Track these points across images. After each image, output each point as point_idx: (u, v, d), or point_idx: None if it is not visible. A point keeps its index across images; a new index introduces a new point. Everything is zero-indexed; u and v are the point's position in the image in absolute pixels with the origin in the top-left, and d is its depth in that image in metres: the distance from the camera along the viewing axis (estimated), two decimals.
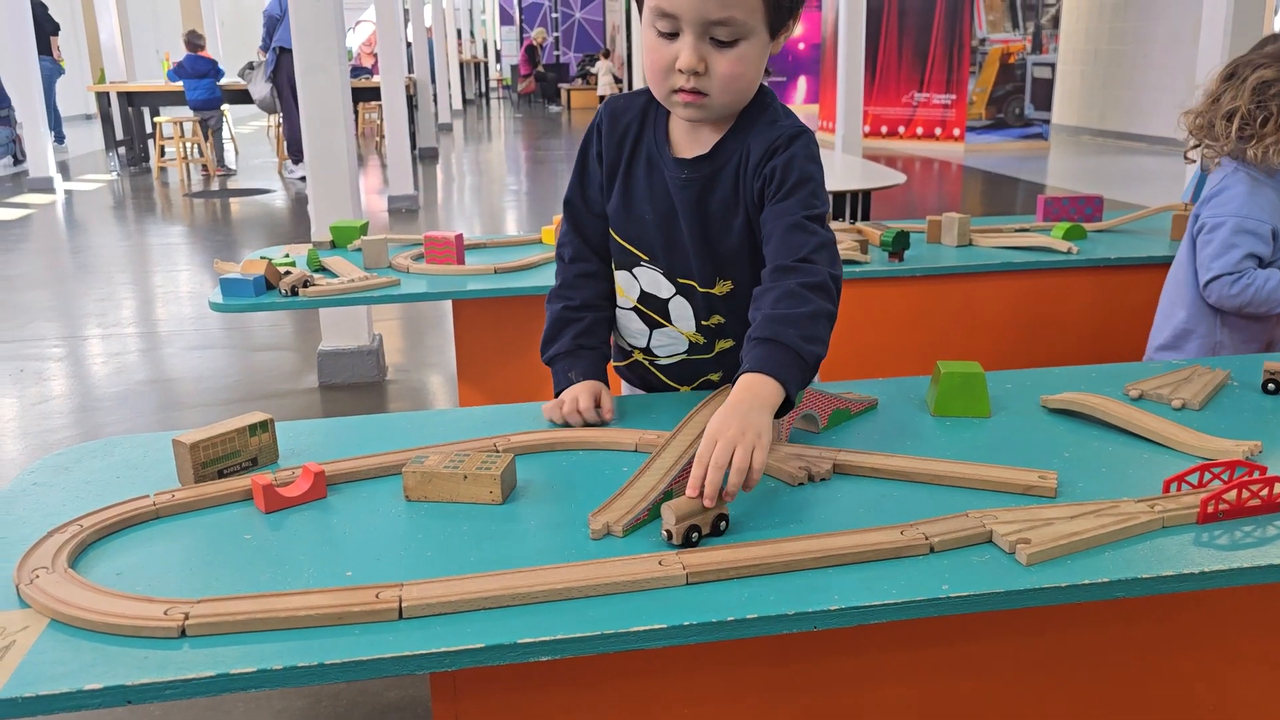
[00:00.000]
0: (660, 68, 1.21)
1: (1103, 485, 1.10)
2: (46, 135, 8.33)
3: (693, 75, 1.19)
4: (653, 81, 1.24)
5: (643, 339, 1.41)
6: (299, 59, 3.29)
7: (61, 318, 4.72)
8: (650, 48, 1.22)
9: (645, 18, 1.21)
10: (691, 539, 0.97)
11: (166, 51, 11.54)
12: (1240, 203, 1.90)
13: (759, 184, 1.26)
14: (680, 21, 1.17)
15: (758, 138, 1.26)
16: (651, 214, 1.32)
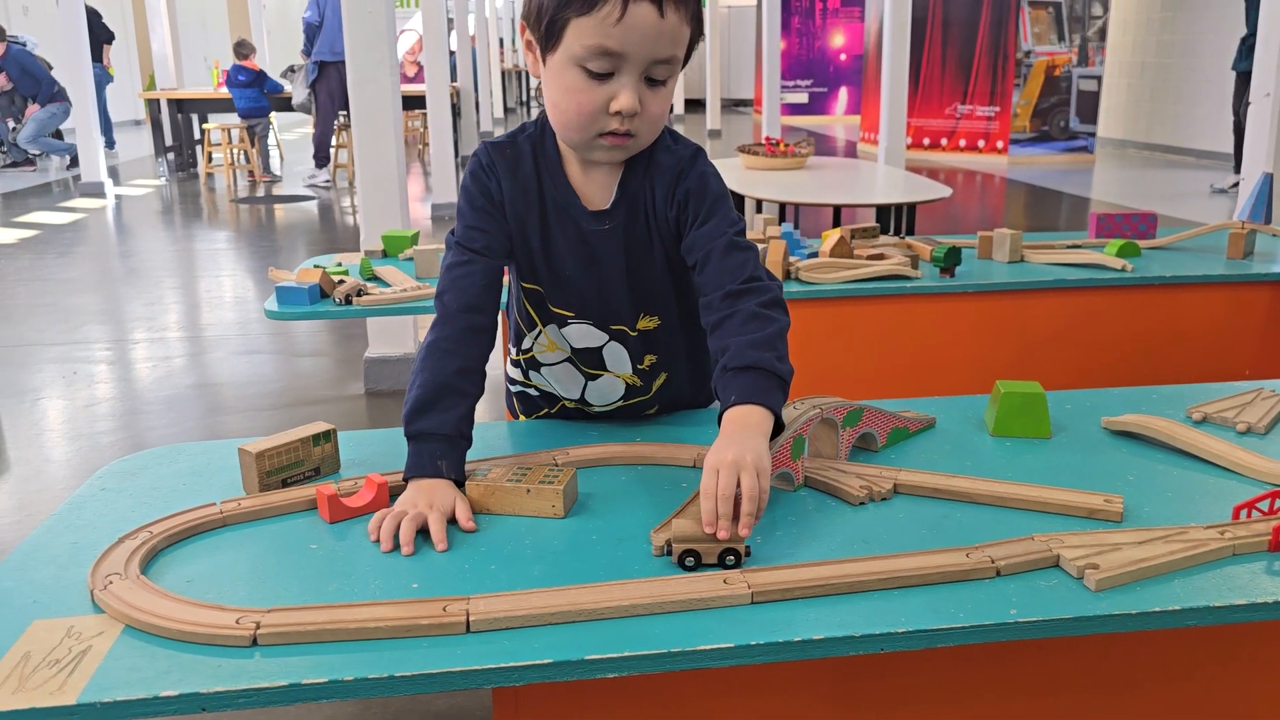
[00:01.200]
0: (590, 111, 1.11)
1: (1169, 510, 1.09)
2: (99, 141, 8.49)
3: (629, 117, 1.12)
4: (575, 125, 1.14)
5: (576, 391, 1.36)
6: (351, 70, 3.32)
7: (111, 321, 4.80)
8: (574, 89, 1.11)
9: (565, 57, 1.10)
10: (686, 564, 0.96)
11: (216, 60, 11.72)
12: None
13: (673, 213, 1.22)
14: (624, 61, 1.09)
15: (657, 168, 1.22)
16: (574, 268, 1.25)
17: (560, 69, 1.12)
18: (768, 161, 4.96)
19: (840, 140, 13.71)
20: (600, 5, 1.06)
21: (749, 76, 19.60)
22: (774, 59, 10.97)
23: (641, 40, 1.08)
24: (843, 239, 2.34)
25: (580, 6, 1.07)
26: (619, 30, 1.07)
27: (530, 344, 1.35)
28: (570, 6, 1.08)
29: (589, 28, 1.07)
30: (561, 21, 1.09)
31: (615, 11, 1.06)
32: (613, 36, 1.07)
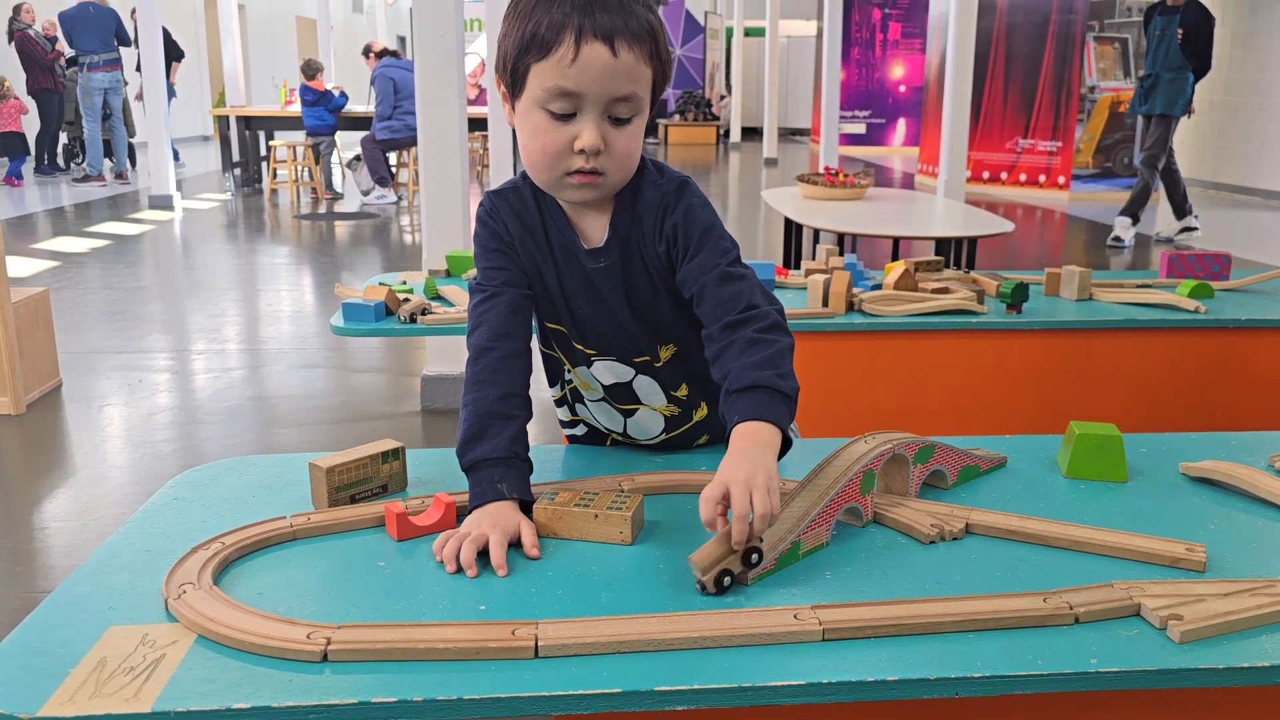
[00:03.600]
0: (554, 150, 1.14)
1: (1254, 562, 1.05)
2: (169, 155, 8.70)
3: (593, 155, 1.14)
4: (543, 165, 1.16)
5: (619, 426, 1.37)
6: (420, 92, 3.37)
7: (175, 332, 4.90)
8: (539, 130, 1.14)
9: (529, 101, 1.14)
10: (724, 584, 0.97)
11: (284, 79, 11.98)
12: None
13: (663, 247, 1.22)
14: (583, 100, 1.11)
15: (643, 203, 1.23)
16: (586, 306, 1.27)
17: (526, 113, 1.15)
18: (826, 191, 4.95)
19: (898, 172, 13.64)
20: (555, 49, 1.10)
21: (806, 106, 19.61)
22: (833, 89, 10.95)
23: (597, 79, 1.11)
24: (907, 271, 2.32)
25: (537, 52, 1.11)
26: (574, 71, 1.10)
27: (570, 376, 1.37)
28: (529, 53, 1.12)
29: (546, 71, 1.11)
30: (523, 68, 1.13)
31: (569, 53, 1.10)
32: (569, 77, 1.10)
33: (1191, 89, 6.93)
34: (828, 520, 1.07)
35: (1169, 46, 6.82)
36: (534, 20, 1.11)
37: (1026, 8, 10.61)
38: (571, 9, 1.10)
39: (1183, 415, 2.23)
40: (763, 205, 6.46)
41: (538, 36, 1.10)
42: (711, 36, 21.25)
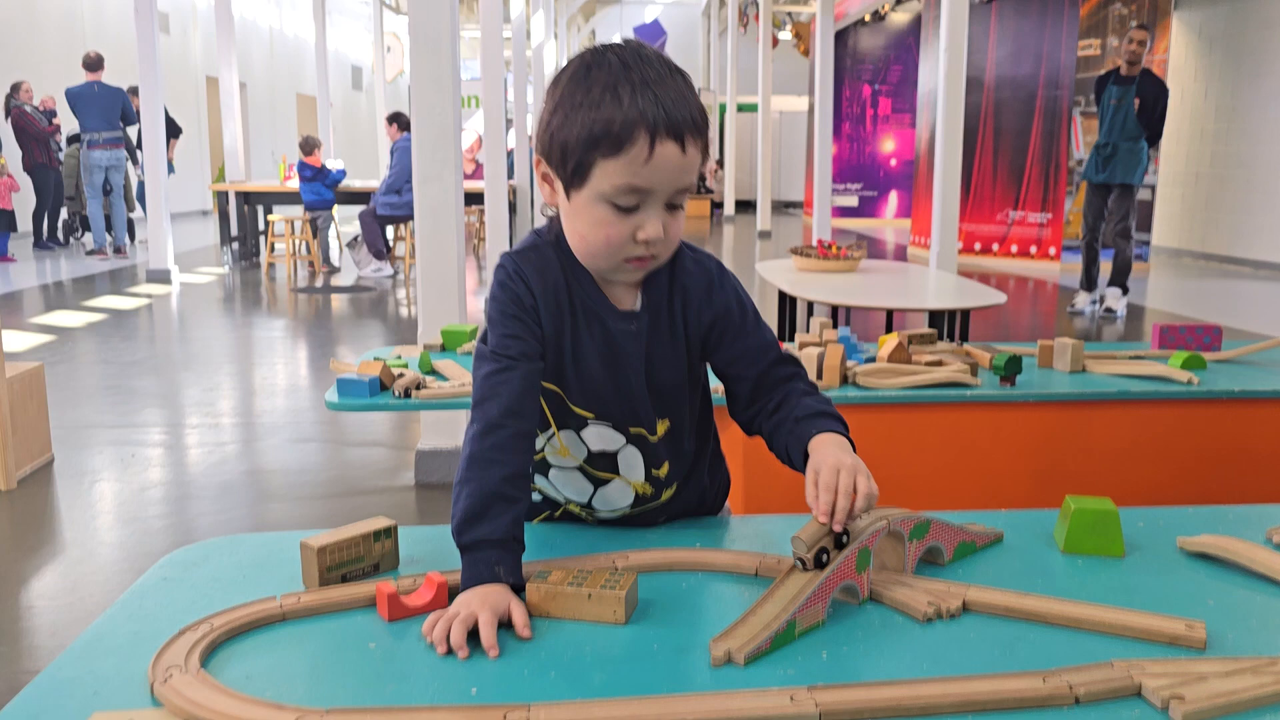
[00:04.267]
0: (618, 241, 1.16)
1: (1255, 639, 1.04)
2: (168, 230, 8.77)
3: (655, 244, 1.16)
4: (603, 255, 1.18)
5: (584, 496, 1.34)
6: (417, 167, 3.42)
7: (169, 406, 4.89)
8: (603, 222, 1.15)
9: (593, 194, 1.14)
10: (822, 560, 1.08)
11: (284, 154, 12.14)
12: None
13: (708, 319, 1.28)
14: (650, 195, 1.14)
15: (686, 276, 1.27)
16: (602, 370, 1.26)
17: (587, 204, 1.16)
18: (820, 264, 4.99)
19: (890, 244, 13.78)
20: (629, 147, 1.10)
21: (799, 179, 19.89)
22: (825, 163, 11.13)
23: (667, 176, 1.13)
24: (900, 344, 2.33)
25: (609, 148, 1.11)
26: (647, 170, 1.11)
27: (543, 445, 1.33)
28: (598, 149, 1.12)
29: (617, 168, 1.12)
30: (589, 161, 1.13)
31: (644, 153, 1.11)
32: (641, 175, 1.12)
33: (1147, 158, 7.03)
34: (824, 598, 1.06)
35: (1126, 116, 6.92)
36: (603, 114, 1.10)
37: (1013, 84, 10.83)
38: (643, 104, 1.10)
39: (1178, 487, 2.22)
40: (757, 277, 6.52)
41: (610, 133, 1.10)
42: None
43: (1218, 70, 11.58)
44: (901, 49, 16.59)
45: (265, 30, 21.33)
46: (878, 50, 16.94)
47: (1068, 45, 10.36)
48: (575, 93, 1.13)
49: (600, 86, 1.12)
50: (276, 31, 22.00)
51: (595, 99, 1.11)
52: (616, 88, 1.11)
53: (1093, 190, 7.23)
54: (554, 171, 1.18)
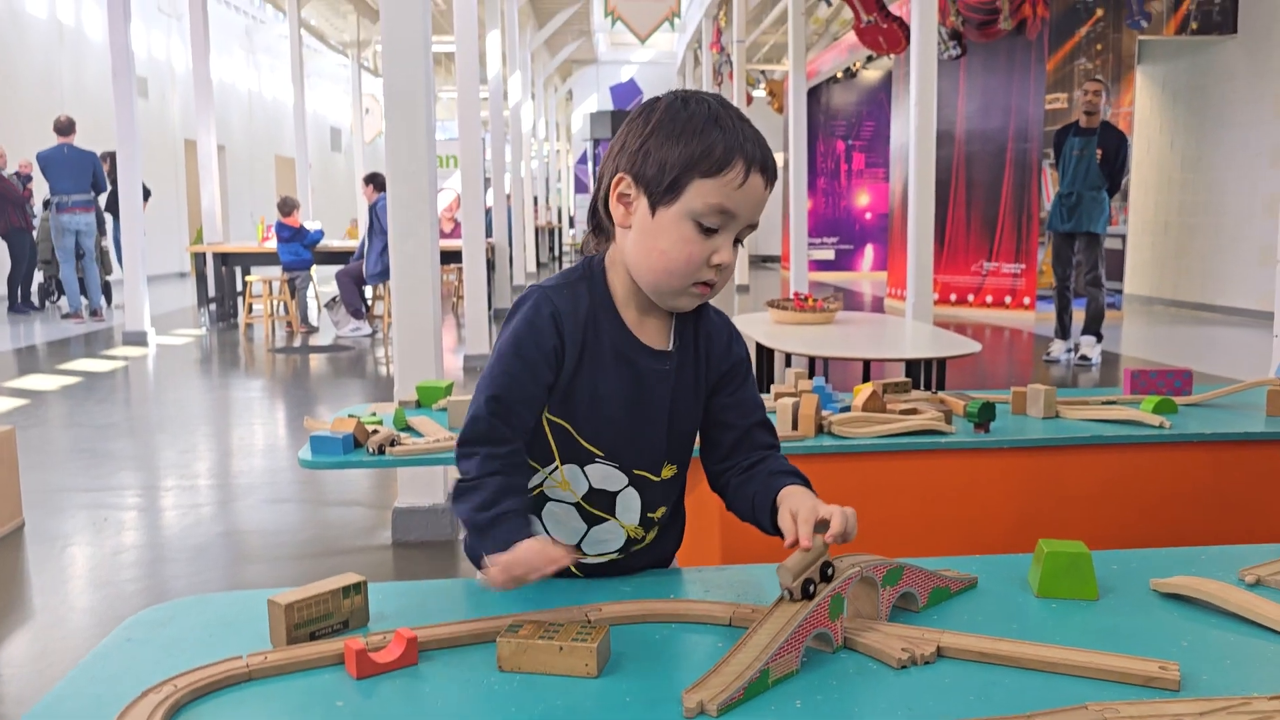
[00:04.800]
0: (696, 262, 1.22)
1: (1228, 679, 1.04)
2: (145, 292, 8.75)
3: (721, 271, 1.24)
4: (680, 273, 1.23)
5: (576, 537, 1.35)
6: (393, 226, 3.44)
7: (144, 468, 4.84)
8: (687, 240, 1.21)
9: (682, 211, 1.21)
10: (809, 591, 1.07)
11: (262, 215, 12.17)
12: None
13: (726, 368, 1.35)
14: (732, 220, 1.21)
15: (710, 324, 1.35)
16: (623, 411, 1.29)
17: (674, 221, 1.22)
18: (796, 316, 5.02)
19: (867, 295, 13.90)
20: (727, 170, 1.19)
21: (776, 233, 20.07)
22: (801, 217, 11.25)
23: (751, 205, 1.22)
24: (875, 394, 2.34)
25: (707, 169, 1.19)
26: (739, 194, 1.20)
27: (543, 479, 1.34)
28: (697, 168, 1.20)
29: (712, 188, 1.19)
30: (685, 179, 1.20)
31: (739, 178, 1.20)
32: (732, 199, 1.20)
33: (1109, 207, 7.17)
34: (797, 647, 1.05)
35: (1089, 166, 7.06)
36: (707, 138, 1.19)
37: (984, 137, 11.02)
38: (742, 138, 1.20)
39: (1152, 530, 2.23)
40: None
41: (712, 154, 1.19)
42: None
43: (1182, 121, 11.83)
44: (874, 105, 16.89)
45: (244, 93, 21.51)
46: (850, 106, 17.24)
47: (1035, 99, 10.58)
48: (676, 119, 1.22)
49: (702, 116, 1.21)
50: (255, 94, 22.19)
51: (698, 126, 1.20)
52: (718, 119, 1.21)
53: (1060, 240, 7.36)
54: (641, 189, 1.23)
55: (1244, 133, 10.68)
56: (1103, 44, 10.44)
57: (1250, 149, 10.56)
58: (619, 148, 1.26)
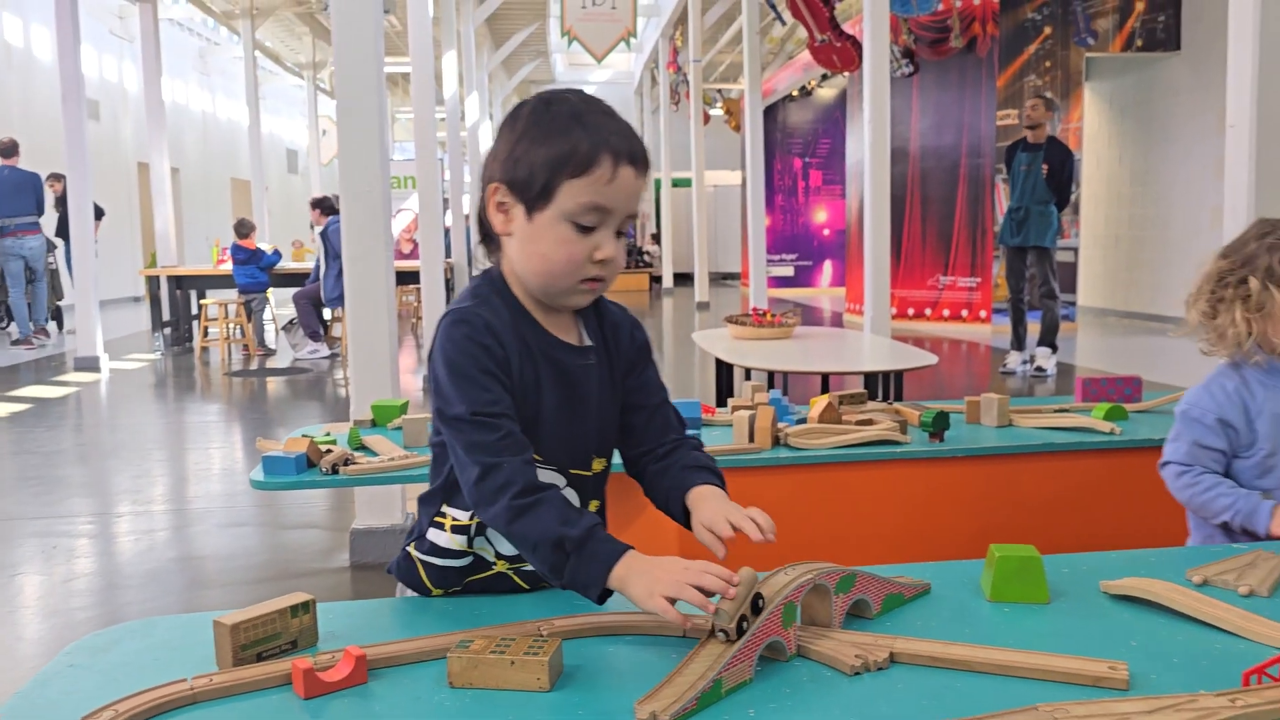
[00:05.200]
0: (578, 261, 1.23)
1: (1176, 677, 1.05)
2: (97, 316, 8.60)
3: (606, 264, 1.25)
4: (563, 273, 1.24)
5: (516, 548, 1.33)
6: (347, 245, 3.41)
7: (95, 495, 4.74)
8: (566, 240, 1.22)
9: (557, 214, 1.21)
10: (743, 628, 1.06)
11: (217, 238, 12.05)
12: (1194, 390, 1.87)
13: (633, 354, 1.38)
14: (609, 216, 1.23)
15: (610, 315, 1.39)
16: (559, 412, 1.30)
17: (550, 224, 1.22)
18: (755, 331, 5.04)
19: (827, 311, 14.00)
20: (594, 168, 1.20)
21: (736, 251, 20.19)
22: (759, 234, 11.33)
23: (624, 198, 1.23)
24: (831, 405, 2.35)
25: (574, 170, 1.20)
26: (610, 189, 1.21)
27: None
28: (565, 169, 1.20)
29: (582, 187, 1.20)
30: (556, 182, 1.21)
31: (608, 173, 1.21)
32: (604, 195, 1.21)
33: (1058, 220, 7.28)
34: (750, 656, 1.05)
35: (1035, 181, 7.19)
36: (570, 139, 1.20)
37: (937, 153, 11.16)
38: (606, 133, 1.22)
39: (1105, 535, 2.25)
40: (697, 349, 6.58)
41: (577, 154, 1.20)
42: None
43: (1130, 136, 12.06)
44: (829, 122, 17.06)
45: (198, 115, 21.31)
46: (806, 124, 17.40)
47: (987, 115, 10.74)
48: (540, 123, 1.23)
49: (565, 117, 1.22)
50: (210, 116, 21.99)
51: (561, 127, 1.22)
52: (581, 117, 1.22)
53: (1011, 254, 7.47)
54: (516, 196, 1.24)
55: (1189, 147, 10.91)
56: (1051, 61, 10.64)
57: (1196, 162, 10.78)
58: (492, 157, 1.27)
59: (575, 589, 1.17)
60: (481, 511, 1.23)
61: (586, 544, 1.15)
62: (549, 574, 1.18)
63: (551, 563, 1.16)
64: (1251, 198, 3.32)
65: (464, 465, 1.22)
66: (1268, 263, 1.75)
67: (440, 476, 1.35)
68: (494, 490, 1.19)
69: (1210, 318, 1.83)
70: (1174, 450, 1.86)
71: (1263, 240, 1.78)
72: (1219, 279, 1.82)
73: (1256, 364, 1.80)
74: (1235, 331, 1.78)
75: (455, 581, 1.36)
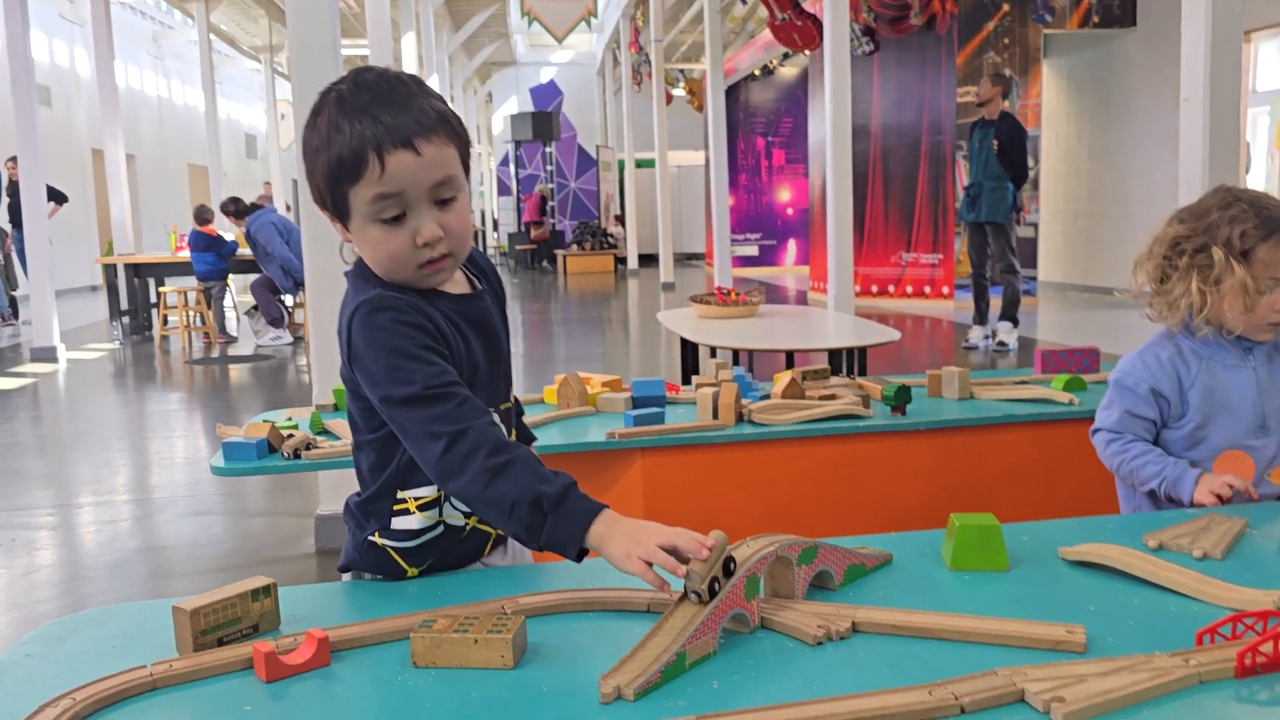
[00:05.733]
0: (402, 252, 1.22)
1: (1132, 639, 1.07)
2: (53, 306, 8.46)
3: (436, 243, 1.22)
4: (397, 268, 1.23)
5: None
6: (305, 227, 3.37)
7: (56, 486, 4.68)
8: (380, 240, 1.21)
9: (360, 220, 1.21)
10: (714, 589, 1.06)
11: (174, 224, 11.87)
12: (1129, 358, 1.85)
13: (503, 294, 1.43)
14: (406, 198, 1.20)
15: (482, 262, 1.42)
16: (485, 359, 1.33)
17: (361, 230, 1.23)
18: (720, 310, 5.05)
19: (791, 290, 14.05)
20: (363, 170, 1.18)
21: (700, 231, 20.19)
22: (723, 214, 11.34)
23: (410, 179, 1.19)
24: (794, 381, 2.36)
25: (349, 178, 1.20)
26: (391, 179, 1.18)
27: None
28: (341, 180, 1.20)
29: (363, 190, 1.19)
30: (341, 194, 1.22)
31: (376, 170, 1.18)
32: (386, 184, 1.19)
33: (1013, 196, 7.32)
34: (713, 629, 1.06)
35: (987, 157, 7.25)
36: (334, 147, 1.19)
37: (899, 131, 11.21)
38: (361, 128, 1.17)
39: (1064, 503, 2.28)
40: (662, 327, 6.58)
41: (343, 162, 1.19)
42: (604, 169, 21.87)
43: (1088, 112, 12.17)
44: (791, 101, 17.08)
45: (153, 100, 20.96)
46: (769, 103, 17.41)
47: (947, 92, 10.79)
48: (312, 139, 1.23)
49: (325, 126, 1.21)
50: (165, 101, 21.63)
51: (325, 139, 1.20)
52: (338, 123, 1.19)
53: (972, 230, 7.54)
54: (328, 211, 1.25)
55: (1146, 122, 11.03)
56: (1010, 38, 10.70)
57: (1153, 138, 10.90)
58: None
59: (553, 548, 1.16)
60: (452, 482, 1.20)
61: (564, 501, 1.14)
62: (525, 536, 1.17)
63: (528, 523, 1.15)
64: (1205, 172, 3.36)
65: (425, 444, 1.20)
66: (1228, 234, 1.70)
67: (387, 470, 1.33)
68: (463, 456, 1.17)
69: (1159, 282, 1.78)
70: (1105, 418, 1.83)
71: (1225, 210, 1.72)
72: (1173, 244, 1.77)
73: (1201, 336, 1.76)
74: (1188, 302, 1.73)
75: (432, 554, 1.35)
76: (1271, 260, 1.69)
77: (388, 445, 1.31)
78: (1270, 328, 1.73)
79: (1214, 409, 1.77)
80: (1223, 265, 1.69)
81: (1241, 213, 1.70)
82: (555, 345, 9.27)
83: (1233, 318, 1.72)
